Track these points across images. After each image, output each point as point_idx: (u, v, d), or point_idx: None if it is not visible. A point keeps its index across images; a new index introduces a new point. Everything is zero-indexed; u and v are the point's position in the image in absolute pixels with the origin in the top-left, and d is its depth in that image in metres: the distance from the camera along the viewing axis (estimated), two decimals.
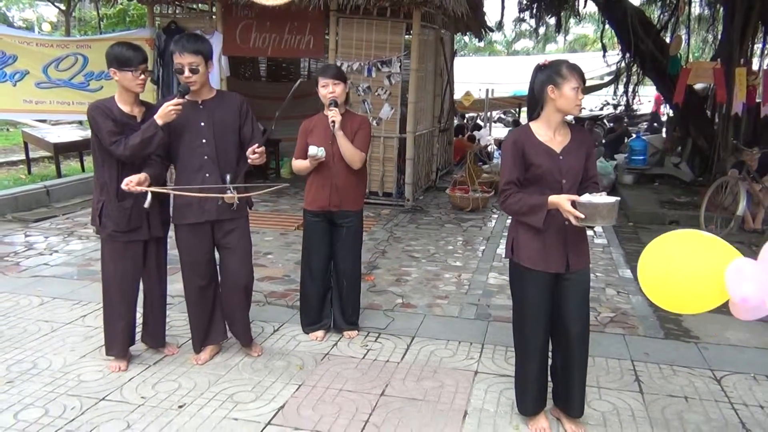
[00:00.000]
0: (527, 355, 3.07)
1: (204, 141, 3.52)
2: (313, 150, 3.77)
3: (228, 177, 3.53)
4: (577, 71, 2.84)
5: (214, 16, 8.68)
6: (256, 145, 3.48)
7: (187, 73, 3.41)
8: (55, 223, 7.11)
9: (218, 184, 3.51)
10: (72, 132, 10.82)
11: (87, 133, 10.57)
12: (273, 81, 12.03)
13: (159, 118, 3.33)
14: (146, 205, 3.32)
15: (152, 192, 3.32)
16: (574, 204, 2.73)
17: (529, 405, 3.12)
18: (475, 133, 14.13)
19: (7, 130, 16.15)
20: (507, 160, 2.95)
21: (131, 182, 3.29)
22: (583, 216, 2.70)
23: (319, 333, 4.13)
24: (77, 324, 4.24)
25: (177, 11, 9.13)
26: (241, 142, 3.62)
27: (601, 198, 2.72)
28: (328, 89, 3.83)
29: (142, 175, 3.34)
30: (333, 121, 3.77)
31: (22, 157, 10.72)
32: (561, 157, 2.90)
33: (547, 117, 2.93)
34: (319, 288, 4.14)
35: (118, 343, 3.61)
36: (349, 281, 4.13)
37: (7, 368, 3.58)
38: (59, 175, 9.42)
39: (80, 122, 12.14)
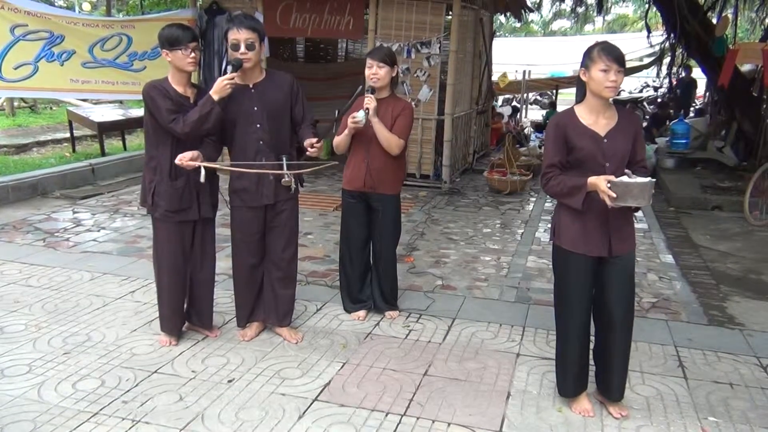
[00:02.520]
0: (568, 337, 3.09)
1: (258, 126, 3.56)
2: (356, 113, 3.79)
3: (284, 158, 3.56)
4: (607, 53, 2.79)
5: None
6: (315, 140, 3.53)
7: (243, 48, 3.42)
8: (101, 200, 7.29)
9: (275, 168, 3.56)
10: (114, 111, 11.01)
11: (128, 113, 10.77)
12: (310, 61, 12.05)
13: (215, 93, 3.37)
14: (201, 179, 3.40)
15: (205, 168, 3.39)
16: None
17: (569, 386, 3.15)
18: (500, 109, 14.53)
19: (51, 108, 16.51)
20: (549, 143, 2.97)
21: (184, 158, 3.36)
22: (615, 195, 2.70)
23: (361, 313, 4.19)
24: (127, 299, 4.37)
25: None
26: (293, 123, 3.67)
27: (635, 178, 2.71)
28: (371, 71, 3.84)
29: (195, 152, 3.40)
30: (367, 109, 3.77)
31: (66, 135, 10.95)
32: (605, 141, 2.89)
33: (588, 100, 2.93)
34: (357, 268, 4.19)
35: (172, 320, 3.72)
36: (384, 263, 4.17)
37: (63, 340, 3.72)
38: (103, 153, 9.61)
39: (120, 102, 12.34)
